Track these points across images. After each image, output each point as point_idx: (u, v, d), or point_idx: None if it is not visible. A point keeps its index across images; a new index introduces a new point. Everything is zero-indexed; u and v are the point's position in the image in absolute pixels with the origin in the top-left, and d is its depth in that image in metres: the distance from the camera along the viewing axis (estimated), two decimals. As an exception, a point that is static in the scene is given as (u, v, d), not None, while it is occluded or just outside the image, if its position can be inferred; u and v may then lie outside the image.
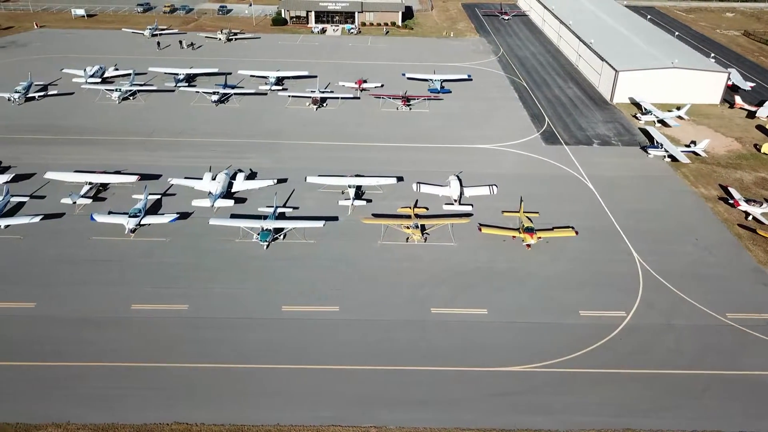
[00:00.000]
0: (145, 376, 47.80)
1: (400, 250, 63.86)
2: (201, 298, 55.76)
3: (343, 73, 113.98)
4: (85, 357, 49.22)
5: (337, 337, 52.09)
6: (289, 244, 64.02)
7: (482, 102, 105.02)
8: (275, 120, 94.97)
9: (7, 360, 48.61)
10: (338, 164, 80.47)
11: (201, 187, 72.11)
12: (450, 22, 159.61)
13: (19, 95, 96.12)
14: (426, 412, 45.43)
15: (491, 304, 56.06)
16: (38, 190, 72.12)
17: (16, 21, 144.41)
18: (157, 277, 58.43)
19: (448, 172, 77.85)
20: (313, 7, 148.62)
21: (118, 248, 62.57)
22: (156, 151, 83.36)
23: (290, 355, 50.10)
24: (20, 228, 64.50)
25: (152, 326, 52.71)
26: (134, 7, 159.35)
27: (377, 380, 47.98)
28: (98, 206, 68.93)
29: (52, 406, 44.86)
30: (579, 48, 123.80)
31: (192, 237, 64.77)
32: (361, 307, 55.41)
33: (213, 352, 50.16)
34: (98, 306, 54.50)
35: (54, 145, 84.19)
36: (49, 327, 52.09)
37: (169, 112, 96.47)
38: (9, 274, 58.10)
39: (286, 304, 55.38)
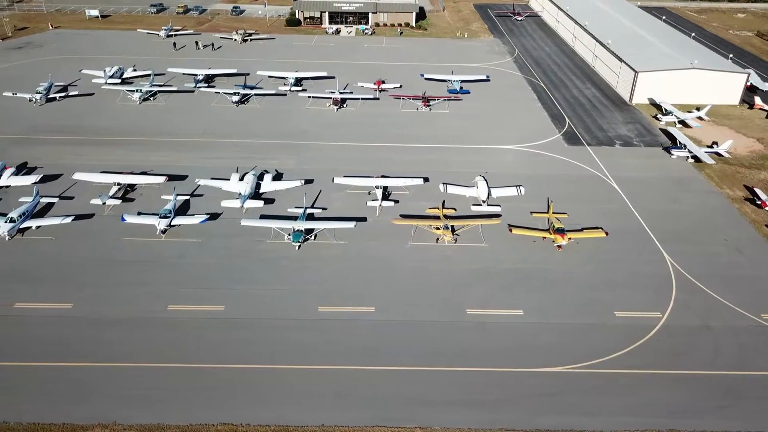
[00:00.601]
0: (187, 376, 47.91)
1: (431, 250, 63.91)
2: (237, 299, 55.82)
3: (361, 74, 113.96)
4: (125, 358, 49.29)
5: (374, 338, 52.17)
6: (320, 244, 64.09)
7: (501, 103, 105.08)
8: (296, 121, 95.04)
9: (49, 360, 48.73)
10: (362, 165, 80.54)
11: (229, 187, 72.19)
12: (463, 22, 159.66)
13: (40, 96, 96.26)
14: (470, 412, 45.47)
15: (527, 305, 56.11)
16: (66, 190, 72.23)
17: (31, 22, 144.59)
18: (191, 278, 58.52)
19: (472, 173, 77.95)
20: (327, 7, 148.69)
21: (150, 249, 62.67)
22: (180, 151, 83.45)
23: (329, 356, 50.15)
24: (51, 228, 64.65)
25: (190, 327, 52.85)
26: (147, 8, 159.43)
27: (419, 381, 48.00)
28: (127, 207, 69.02)
29: (97, 406, 44.93)
30: (595, 49, 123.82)
31: (223, 238, 64.84)
32: (396, 307, 55.46)
33: (253, 352, 50.24)
34: (135, 307, 54.61)
35: (78, 145, 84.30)
36: (87, 328, 52.18)
37: (191, 112, 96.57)
38: (44, 275, 58.20)
39: (322, 305, 55.48)
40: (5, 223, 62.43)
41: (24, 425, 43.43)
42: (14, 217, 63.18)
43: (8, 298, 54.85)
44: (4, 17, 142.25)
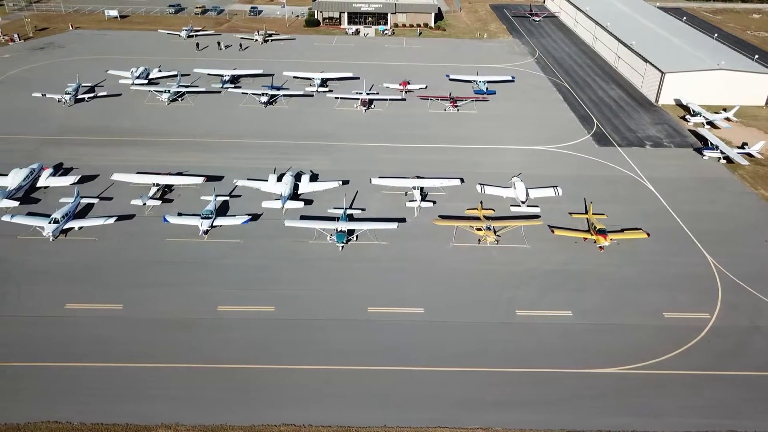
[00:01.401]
0: (244, 377, 48.01)
1: (474, 252, 63.97)
2: (287, 300, 55.90)
3: (385, 75, 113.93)
4: (179, 359, 49.42)
5: (426, 339, 52.26)
6: (362, 245, 64.16)
7: (527, 103, 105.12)
8: (325, 121, 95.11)
9: (104, 361, 48.85)
10: (394, 166, 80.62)
11: (267, 188, 72.29)
12: (481, 23, 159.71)
13: (69, 97, 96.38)
14: (529, 413, 45.56)
15: (575, 306, 56.16)
16: (104, 191, 72.33)
17: (50, 22, 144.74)
18: (238, 279, 58.62)
19: (505, 174, 78.21)
20: (346, 8, 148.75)
21: (194, 250, 62.77)
22: (212, 152, 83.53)
23: (383, 357, 50.24)
24: (93, 229, 64.75)
25: (240, 328, 52.93)
26: (165, 9, 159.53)
27: (475, 381, 48.08)
28: (167, 208, 69.09)
29: (156, 407, 45.04)
30: (618, 49, 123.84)
31: (265, 238, 64.93)
32: (446, 309, 55.55)
33: (307, 353, 50.37)
34: (185, 308, 54.73)
35: (110, 146, 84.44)
36: (139, 329, 52.31)
37: (219, 113, 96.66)
38: (92, 275, 58.33)
39: (371, 306, 55.57)
40: (49, 224, 62.53)
41: (88, 425, 43.57)
42: (58, 217, 63.28)
43: (59, 299, 55.01)
44: (25, 17, 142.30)
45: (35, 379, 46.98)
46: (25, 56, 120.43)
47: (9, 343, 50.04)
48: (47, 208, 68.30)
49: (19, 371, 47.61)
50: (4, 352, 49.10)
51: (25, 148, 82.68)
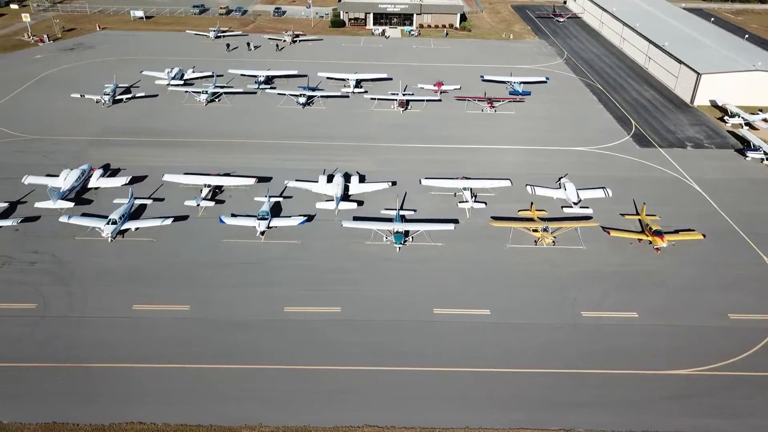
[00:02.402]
0: (317, 378, 48.13)
1: (531, 253, 64.01)
2: (352, 301, 56.03)
3: (416, 76, 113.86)
4: (254, 360, 49.57)
5: (494, 340, 52.31)
6: (418, 246, 64.19)
7: (563, 104, 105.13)
8: (364, 122, 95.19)
9: (177, 363, 48.99)
10: (437, 167, 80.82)
11: (318, 189, 72.41)
12: (505, 24, 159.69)
13: (108, 97, 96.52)
14: (607, 414, 45.61)
15: (639, 307, 56.19)
16: (155, 192, 72.45)
17: (76, 23, 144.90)
18: (300, 279, 58.74)
19: (551, 175, 78.33)
20: (372, 8, 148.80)
21: (252, 251, 62.88)
22: (256, 153, 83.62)
23: (453, 358, 50.33)
24: (148, 230, 64.82)
25: (308, 329, 53.01)
26: (190, 9, 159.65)
27: (551, 383, 48.13)
28: (220, 209, 69.16)
29: (240, 408, 45.24)
30: (648, 50, 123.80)
31: (321, 239, 65.03)
32: (511, 310, 55.62)
33: (379, 354, 50.49)
34: (252, 309, 54.87)
35: (154, 147, 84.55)
36: (208, 330, 52.43)
37: (258, 114, 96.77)
38: (156, 276, 58.53)
39: (437, 307, 55.64)
40: (108, 225, 62.68)
41: (172, 426, 43.73)
42: (116, 218, 63.43)
43: (126, 300, 55.17)
44: (54, 19, 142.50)
45: (114, 381, 47.17)
46: (57, 57, 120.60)
47: (82, 345, 50.23)
48: (100, 209, 68.58)
49: (98, 373, 47.78)
50: (80, 354, 49.28)
51: (71, 149, 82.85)
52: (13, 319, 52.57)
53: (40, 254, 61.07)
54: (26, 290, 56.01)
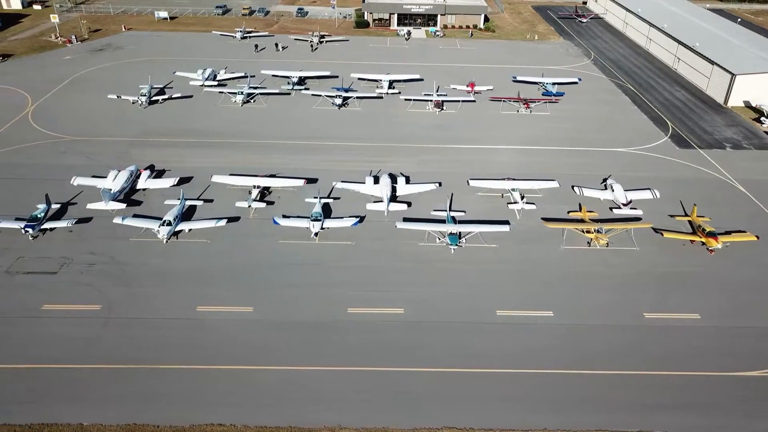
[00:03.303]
0: (389, 379, 48.24)
1: (586, 254, 64.05)
2: (414, 302, 56.10)
3: (446, 76, 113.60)
4: (320, 361, 49.71)
5: (557, 341, 52.38)
6: (473, 248, 64.18)
7: (597, 105, 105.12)
8: (401, 123, 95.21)
9: (247, 364, 49.16)
10: (479, 167, 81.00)
11: (366, 190, 72.51)
12: (527, 24, 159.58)
13: (145, 98, 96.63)
14: (686, 417, 45.63)
15: (701, 309, 56.21)
16: (203, 193, 72.53)
17: (101, 23, 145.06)
18: (359, 280, 58.88)
19: (594, 176, 78.35)
20: (397, 9, 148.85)
21: (308, 252, 62.97)
22: (297, 154, 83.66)
23: (519, 360, 50.43)
24: (201, 231, 64.86)
25: (372, 330, 53.10)
26: (212, 10, 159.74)
27: (628, 384, 48.28)
28: (271, 210, 69.18)
29: (318, 409, 45.39)
30: (677, 51, 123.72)
31: (375, 240, 65.09)
32: (574, 311, 55.67)
33: (446, 355, 50.60)
34: (316, 310, 54.96)
35: (196, 148, 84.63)
36: (274, 331, 52.56)
37: (295, 115, 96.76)
38: (216, 278, 58.64)
39: (500, 309, 55.67)
40: (163, 227, 62.76)
41: (252, 428, 43.86)
42: (170, 220, 63.53)
43: (189, 302, 55.26)
44: (81, 20, 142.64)
45: (189, 382, 47.34)
46: (86, 58, 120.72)
47: (151, 346, 50.38)
48: (150, 210, 68.68)
49: (172, 374, 47.95)
50: (151, 356, 49.43)
51: (114, 149, 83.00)
52: (80, 320, 52.72)
53: (98, 255, 61.21)
54: (89, 291, 56.16)
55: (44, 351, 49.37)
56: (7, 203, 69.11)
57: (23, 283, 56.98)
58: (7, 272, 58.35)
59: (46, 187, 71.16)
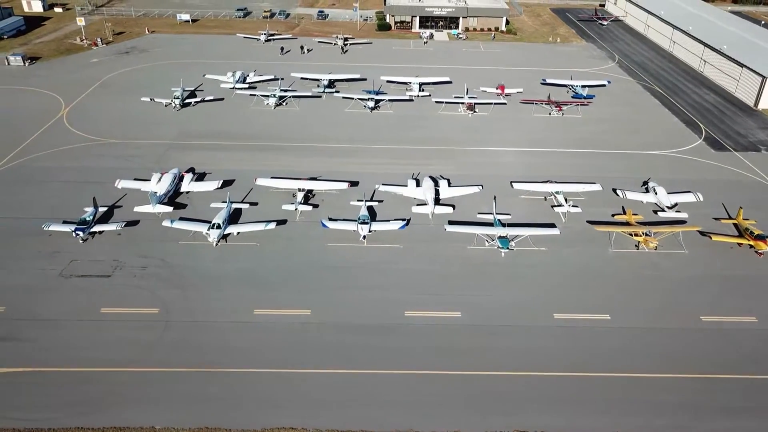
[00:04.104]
0: (459, 383, 48.33)
1: (635, 257, 64.05)
2: (469, 305, 56.24)
3: (473, 79, 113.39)
4: (384, 364, 49.82)
5: (617, 345, 52.40)
6: (522, 251, 64.12)
7: (627, 108, 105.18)
8: (434, 125, 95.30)
9: (312, 368, 49.24)
10: (517, 170, 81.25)
11: (408, 193, 72.64)
12: (548, 27, 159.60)
13: (178, 101, 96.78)
14: (753, 419, 45.61)
15: (758, 311, 56.22)
16: (246, 196, 72.56)
17: (124, 26, 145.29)
18: (413, 284, 58.95)
19: (633, 179, 78.38)
20: (418, 12, 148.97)
21: (357, 255, 63.06)
22: (334, 157, 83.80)
23: (581, 362, 50.51)
24: (249, 234, 64.88)
25: (428, 333, 53.12)
26: (233, 12, 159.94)
27: (691, 387, 48.28)
28: (315, 213, 69.20)
29: (386, 412, 45.45)
30: (704, 53, 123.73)
31: (422, 243, 65.17)
32: (631, 314, 55.70)
33: (508, 358, 50.64)
34: (373, 312, 55.06)
35: (235, 150, 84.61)
36: (331, 334, 52.62)
37: (327, 118, 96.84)
38: (270, 280, 58.76)
39: (557, 312, 55.69)
40: (213, 230, 62.84)
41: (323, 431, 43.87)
42: (219, 223, 63.61)
43: (246, 305, 55.34)
44: (106, 22, 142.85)
45: (255, 385, 47.45)
46: (113, 61, 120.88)
47: (214, 349, 50.53)
48: (195, 213, 68.77)
49: (237, 377, 48.05)
50: (214, 359, 49.58)
51: (153, 152, 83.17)
52: (140, 323, 52.84)
53: (149, 258, 61.34)
54: (145, 294, 56.30)
55: (108, 354, 49.50)
56: (53, 206, 69.30)
57: (78, 286, 57.13)
58: (61, 275, 58.49)
59: (88, 190, 71.69)
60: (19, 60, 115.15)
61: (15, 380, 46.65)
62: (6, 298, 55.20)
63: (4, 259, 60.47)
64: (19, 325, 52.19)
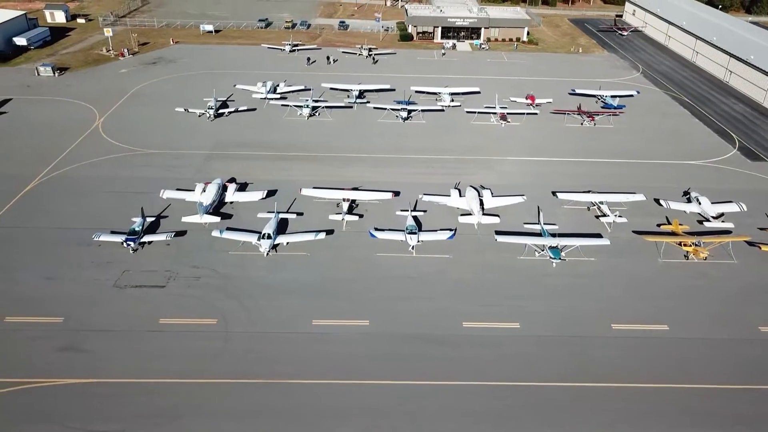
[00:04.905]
0: (520, 394, 48.25)
1: (685, 268, 64.11)
2: (528, 315, 56.27)
3: (500, 89, 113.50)
4: (450, 375, 49.79)
5: (674, 355, 52.43)
6: (571, 261, 64.11)
7: (658, 118, 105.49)
8: (468, 135, 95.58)
9: (373, 379, 49.14)
10: (558, 179, 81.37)
11: (452, 203, 72.84)
12: (568, 37, 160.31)
13: (212, 111, 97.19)
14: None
15: (815, 323, 56.25)
16: (291, 206, 72.72)
17: (148, 37, 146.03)
18: (466, 293, 59.05)
19: (672, 189, 78.43)
20: (441, 22, 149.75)
21: (408, 265, 63.13)
22: (375, 166, 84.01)
23: (635, 373, 50.43)
24: (298, 244, 65.00)
25: (488, 344, 53.10)
26: (255, 23, 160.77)
27: (746, 399, 48.12)
28: (361, 223, 69.35)
29: (457, 425, 45.28)
30: (729, 63, 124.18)
31: (471, 254, 65.27)
32: (689, 325, 55.68)
33: (568, 369, 50.65)
34: (431, 323, 55.09)
35: (273, 161, 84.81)
36: (392, 345, 52.68)
37: (360, 128, 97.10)
38: (323, 290, 58.97)
39: (614, 322, 55.66)
40: (264, 240, 62.98)
41: (397, 442, 43.81)
42: (270, 233, 63.73)
43: (304, 315, 55.36)
44: (132, 33, 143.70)
45: (320, 397, 47.39)
46: (141, 71, 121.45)
47: (276, 360, 50.64)
48: (240, 223, 68.90)
49: (301, 389, 48.06)
50: (277, 370, 49.64)
51: (192, 162, 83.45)
52: (200, 334, 52.93)
53: (201, 269, 61.45)
54: (201, 305, 56.40)
55: (173, 365, 49.55)
56: (98, 216, 69.52)
57: (134, 297, 57.24)
58: (116, 286, 58.61)
59: (131, 200, 72.29)
60: (49, 70, 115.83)
61: (85, 391, 46.68)
62: (63, 308, 55.31)
63: (57, 269, 60.65)
64: (80, 336, 52.26)
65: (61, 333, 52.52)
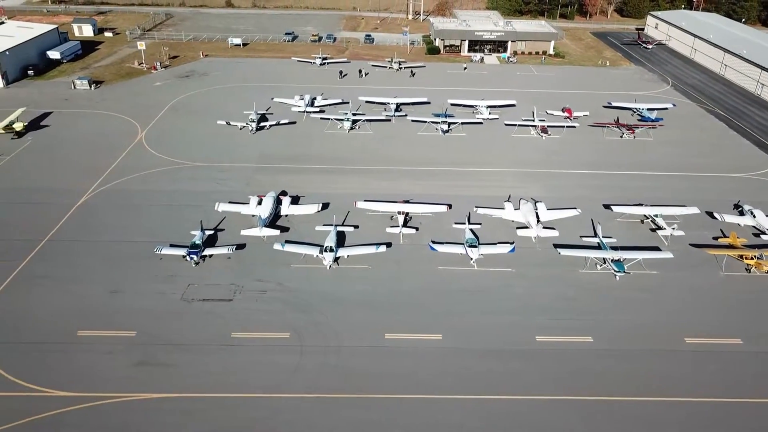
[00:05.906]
0: (590, 409, 47.98)
1: (747, 281, 63.93)
2: (598, 330, 56.07)
3: (535, 102, 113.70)
4: (519, 389, 49.66)
5: (748, 370, 52.12)
6: (634, 275, 63.77)
7: (696, 130, 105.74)
8: (510, 148, 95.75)
9: (455, 393, 48.92)
10: (605, 192, 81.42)
11: (507, 216, 72.84)
12: (593, 51, 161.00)
13: (254, 124, 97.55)
14: None
15: None
16: (345, 218, 72.74)
17: (177, 50, 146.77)
18: (534, 307, 58.88)
19: (718, 201, 78.65)
20: (468, 36, 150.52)
21: (471, 278, 63.15)
22: (422, 179, 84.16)
23: (706, 388, 50.26)
24: (360, 257, 64.99)
25: (559, 359, 52.86)
26: (281, 36, 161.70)
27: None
28: (417, 236, 69.37)
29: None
30: (760, 77, 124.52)
31: (533, 267, 65.20)
32: (762, 339, 55.39)
33: (636, 383, 50.40)
34: (502, 337, 54.93)
35: (321, 174, 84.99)
36: (465, 359, 52.54)
37: (401, 140, 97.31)
38: (390, 303, 58.92)
39: (688, 336, 55.45)
40: (327, 253, 62.95)
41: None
42: (332, 245, 63.71)
43: (375, 328, 55.24)
44: (163, 46, 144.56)
45: (398, 411, 47.22)
46: (176, 84, 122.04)
47: (352, 374, 50.40)
48: (299, 236, 68.92)
49: (379, 403, 47.87)
50: (354, 385, 49.48)
51: (240, 175, 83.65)
52: (274, 348, 52.88)
53: (265, 282, 61.40)
54: (271, 318, 56.35)
55: (252, 379, 49.42)
56: (153, 229, 69.66)
57: (203, 310, 57.17)
58: (183, 299, 58.54)
59: (185, 213, 72.58)
60: (86, 84, 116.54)
61: (173, 406, 46.50)
62: (134, 322, 55.27)
63: (122, 283, 60.64)
64: (154, 350, 52.17)
65: (135, 347, 52.44)
